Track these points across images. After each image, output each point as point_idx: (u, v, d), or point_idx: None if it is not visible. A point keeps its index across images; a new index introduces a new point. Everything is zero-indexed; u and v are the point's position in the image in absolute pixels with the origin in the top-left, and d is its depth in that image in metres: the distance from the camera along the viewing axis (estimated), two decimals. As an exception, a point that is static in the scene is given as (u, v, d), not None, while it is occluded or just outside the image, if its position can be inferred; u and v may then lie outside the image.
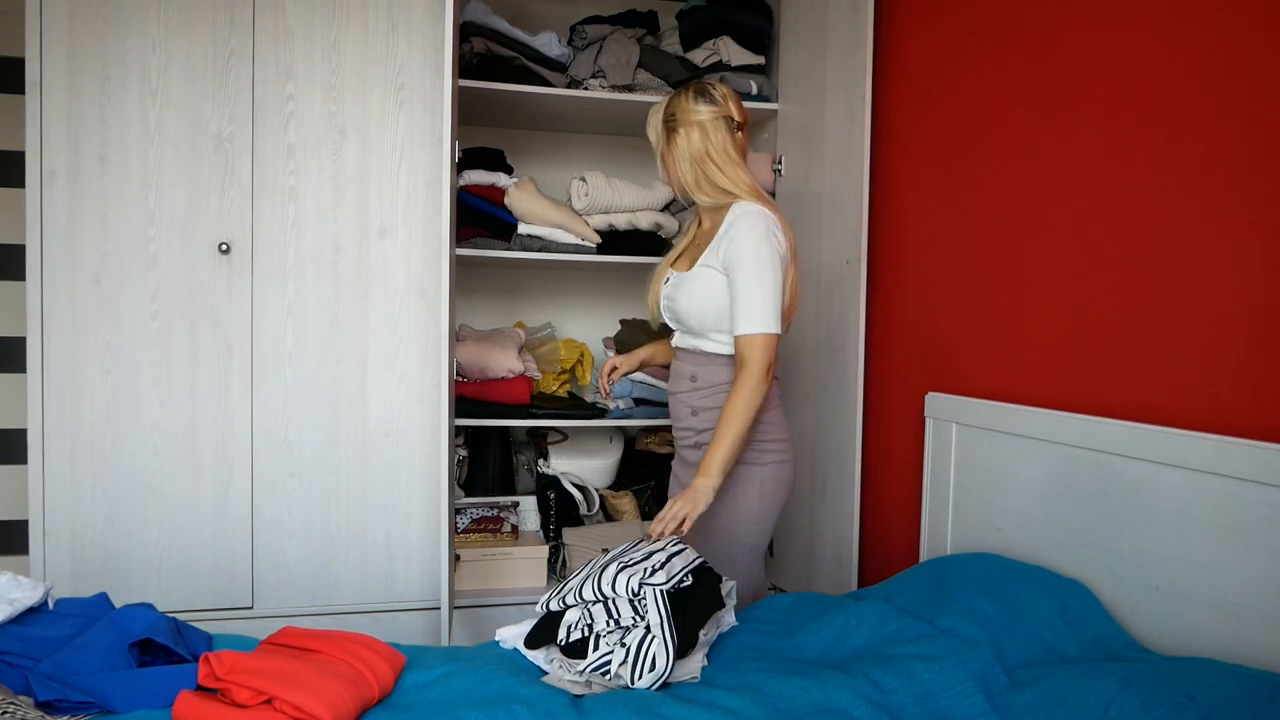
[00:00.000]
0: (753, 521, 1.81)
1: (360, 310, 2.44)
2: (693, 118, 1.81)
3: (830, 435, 2.39)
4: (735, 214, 1.77)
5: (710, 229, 1.86)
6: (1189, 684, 1.16)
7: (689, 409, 1.87)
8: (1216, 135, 1.41)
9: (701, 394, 1.85)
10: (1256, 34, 1.35)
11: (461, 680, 1.35)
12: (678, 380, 1.91)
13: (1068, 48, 1.71)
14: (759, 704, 1.29)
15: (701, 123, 1.81)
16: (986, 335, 1.92)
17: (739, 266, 1.72)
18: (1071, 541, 1.60)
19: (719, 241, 1.78)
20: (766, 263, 1.72)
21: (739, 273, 1.72)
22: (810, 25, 2.53)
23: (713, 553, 1.83)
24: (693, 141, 1.81)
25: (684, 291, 1.83)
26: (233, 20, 2.32)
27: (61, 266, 2.25)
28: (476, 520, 2.66)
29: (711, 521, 1.80)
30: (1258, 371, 1.34)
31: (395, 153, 2.45)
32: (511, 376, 2.57)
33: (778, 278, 1.73)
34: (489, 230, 2.58)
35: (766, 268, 1.72)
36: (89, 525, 2.29)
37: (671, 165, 1.86)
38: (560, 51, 2.64)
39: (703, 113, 1.81)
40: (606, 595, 1.43)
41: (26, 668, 1.27)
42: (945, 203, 2.07)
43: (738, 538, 1.82)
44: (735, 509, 1.80)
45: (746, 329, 1.71)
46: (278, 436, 2.40)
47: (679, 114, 1.83)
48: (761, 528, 1.83)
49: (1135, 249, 1.56)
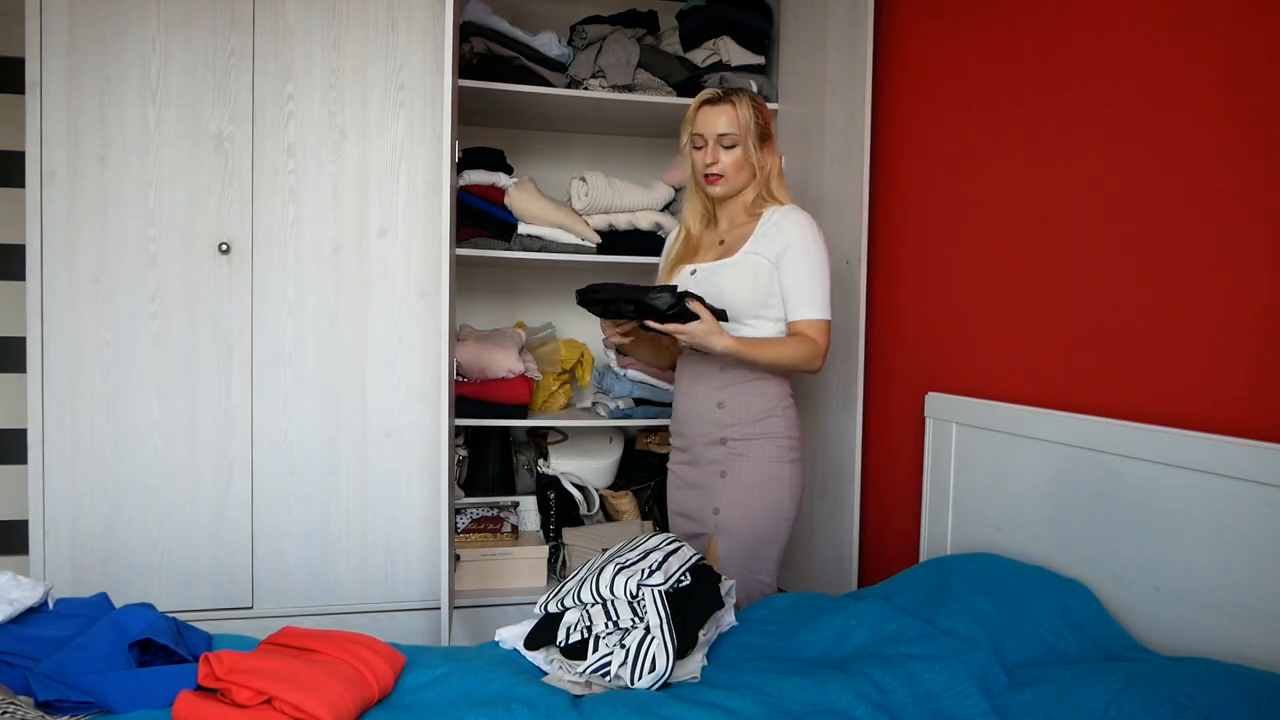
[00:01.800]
0: (784, 520, 1.87)
1: (360, 310, 2.44)
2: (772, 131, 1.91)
3: (830, 435, 2.39)
4: (783, 212, 1.85)
5: (739, 226, 1.90)
6: (1189, 684, 1.16)
7: (715, 402, 1.86)
8: (1217, 135, 1.41)
9: (732, 387, 1.85)
10: (1258, 33, 1.35)
11: (461, 680, 1.35)
12: (701, 372, 1.89)
13: (1069, 47, 1.71)
14: (759, 704, 1.29)
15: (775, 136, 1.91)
16: (986, 335, 1.92)
17: (799, 255, 1.79)
18: (1071, 541, 1.60)
19: (765, 236, 1.83)
20: (821, 255, 1.82)
21: (798, 261, 1.79)
22: (810, 25, 2.53)
23: (745, 553, 1.84)
24: (776, 155, 1.91)
25: (728, 277, 1.83)
26: (233, 19, 2.32)
27: (61, 266, 2.25)
28: (476, 520, 2.66)
29: (746, 527, 1.83)
30: (1258, 371, 1.34)
31: (395, 152, 2.45)
32: (512, 377, 2.57)
33: (828, 270, 1.83)
34: (489, 230, 2.58)
35: (820, 259, 1.82)
36: (89, 525, 2.29)
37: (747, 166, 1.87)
38: (560, 51, 2.64)
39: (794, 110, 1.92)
40: (605, 597, 1.43)
41: (26, 668, 1.27)
42: (946, 202, 2.07)
43: (773, 538, 1.86)
44: (771, 509, 1.84)
45: (810, 314, 1.79)
46: (277, 436, 2.40)
47: (770, 125, 1.90)
48: (790, 525, 1.89)
49: (1136, 249, 1.56)
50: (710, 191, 1.89)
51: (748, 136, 1.84)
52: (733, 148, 1.85)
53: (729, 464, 1.86)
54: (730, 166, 1.85)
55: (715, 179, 1.86)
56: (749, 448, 1.85)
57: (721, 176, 1.86)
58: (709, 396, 1.87)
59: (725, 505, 1.86)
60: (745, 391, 1.85)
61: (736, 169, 1.86)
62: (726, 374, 1.85)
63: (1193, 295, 1.45)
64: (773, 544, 1.86)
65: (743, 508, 1.83)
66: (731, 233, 1.91)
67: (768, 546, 1.86)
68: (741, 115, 1.84)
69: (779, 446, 1.85)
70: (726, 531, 1.85)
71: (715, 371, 1.86)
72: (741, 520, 1.84)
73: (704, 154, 1.86)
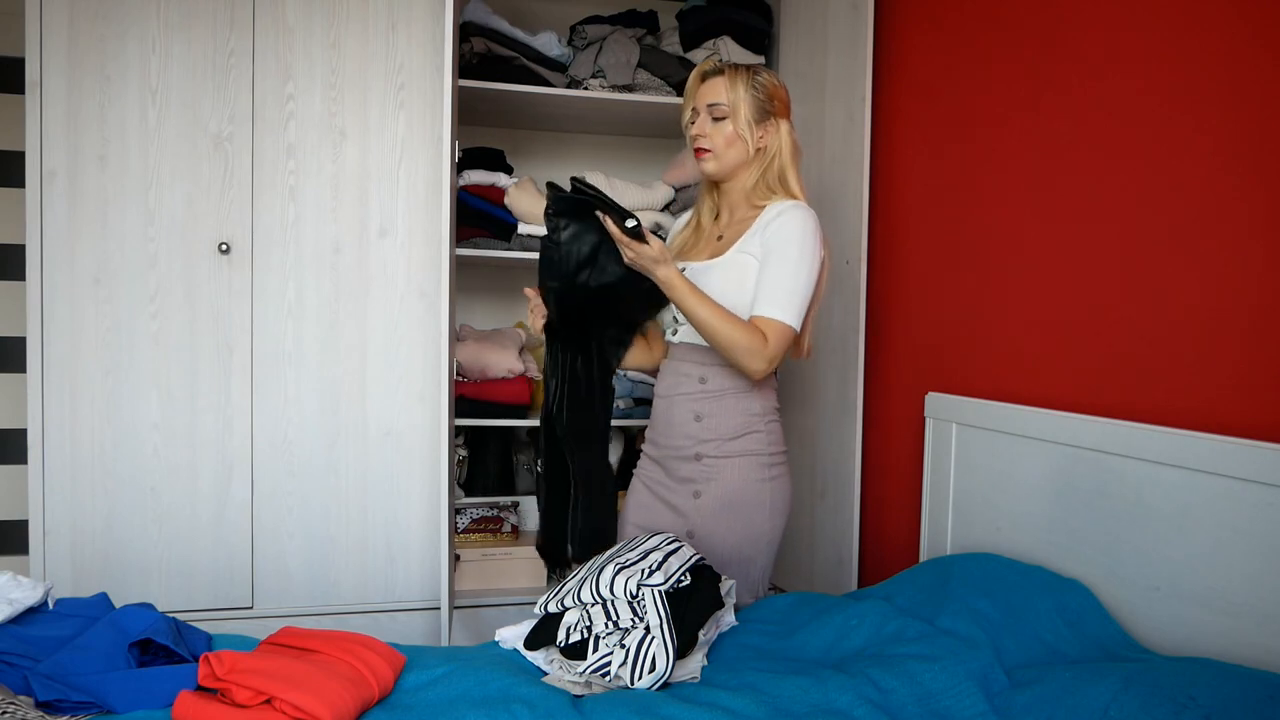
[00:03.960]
0: (766, 542, 1.75)
1: (360, 310, 2.44)
2: (787, 112, 1.75)
3: (830, 435, 2.39)
4: (784, 206, 1.69)
5: (738, 221, 1.77)
6: (1189, 684, 1.16)
7: (692, 414, 1.74)
8: (1217, 135, 1.41)
9: (711, 399, 1.73)
10: (1258, 33, 1.35)
11: (461, 680, 1.35)
12: (680, 381, 1.77)
13: (1069, 47, 1.71)
14: (759, 704, 1.29)
15: (791, 120, 1.75)
16: (986, 335, 1.92)
17: (780, 251, 1.64)
18: (1071, 541, 1.60)
19: (759, 230, 1.69)
20: (808, 258, 1.65)
21: (777, 257, 1.64)
22: (810, 25, 2.53)
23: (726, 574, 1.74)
24: (785, 136, 1.75)
25: (714, 279, 1.70)
26: (233, 19, 2.32)
27: (61, 266, 2.25)
28: (476, 520, 2.66)
29: (722, 551, 1.73)
30: (1257, 371, 1.34)
31: (395, 153, 2.45)
32: (511, 376, 2.57)
33: (812, 278, 1.67)
34: (489, 230, 2.58)
35: (806, 262, 1.65)
36: (89, 525, 2.29)
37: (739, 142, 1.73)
38: (560, 51, 2.64)
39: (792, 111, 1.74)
40: (604, 597, 1.43)
41: (26, 668, 1.27)
42: (945, 203, 2.07)
43: (753, 560, 1.76)
44: (751, 533, 1.73)
45: (772, 313, 1.63)
46: (277, 436, 2.40)
47: (777, 101, 1.74)
48: (773, 546, 1.77)
49: (1135, 248, 1.56)
50: (702, 169, 1.76)
51: (740, 109, 1.71)
52: (722, 120, 1.72)
53: (704, 483, 1.73)
54: (720, 141, 1.72)
55: (704, 153, 1.74)
56: (725, 466, 1.72)
57: (710, 151, 1.73)
58: (686, 407, 1.74)
59: (700, 530, 1.73)
60: (725, 405, 1.72)
61: (727, 144, 1.72)
62: (707, 383, 1.73)
63: (1193, 295, 1.45)
64: (753, 566, 1.75)
65: (720, 534, 1.72)
66: (731, 228, 1.77)
67: (748, 569, 1.75)
68: (734, 87, 1.71)
69: (759, 463, 1.73)
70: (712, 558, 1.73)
71: (695, 381, 1.74)
72: (717, 545, 1.72)
73: (695, 127, 1.75)
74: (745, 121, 1.72)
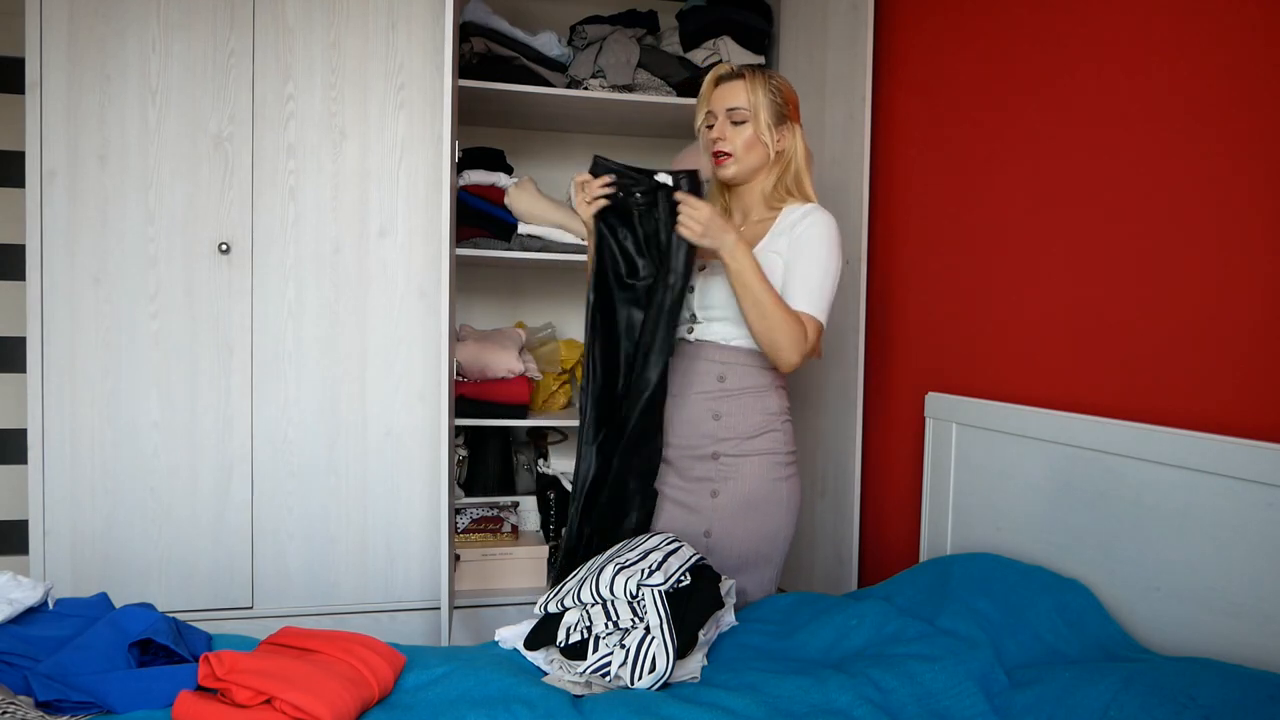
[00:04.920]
0: (783, 539, 1.77)
1: (360, 310, 2.44)
2: (799, 115, 1.77)
3: (830, 435, 2.39)
4: (809, 208, 1.73)
5: (755, 223, 1.78)
6: (1189, 684, 1.16)
7: (710, 413, 1.73)
8: (1218, 134, 1.41)
9: (731, 398, 1.72)
10: (1259, 33, 1.35)
11: (461, 680, 1.35)
12: (696, 379, 1.75)
13: (1069, 46, 1.71)
14: (759, 704, 1.29)
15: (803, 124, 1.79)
16: (986, 335, 1.92)
17: (811, 251, 1.67)
18: (1071, 541, 1.60)
19: (785, 230, 1.71)
20: (835, 260, 1.69)
21: (809, 256, 1.67)
22: (810, 25, 2.53)
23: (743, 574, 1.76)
24: (800, 140, 1.77)
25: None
26: (233, 19, 2.32)
27: (61, 266, 2.25)
28: (476, 520, 2.66)
29: (741, 550, 1.74)
30: (1257, 371, 1.34)
31: (395, 152, 2.45)
32: (512, 377, 2.57)
33: (836, 280, 1.71)
34: (489, 230, 2.58)
35: (834, 263, 1.69)
36: (89, 525, 2.29)
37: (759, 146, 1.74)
38: (560, 51, 2.64)
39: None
40: (604, 597, 1.43)
41: (26, 668, 1.27)
42: (946, 202, 2.07)
43: (769, 559, 1.77)
44: (769, 531, 1.74)
45: (808, 308, 1.66)
46: (277, 436, 2.40)
47: (791, 105, 1.76)
48: (788, 544, 1.79)
49: (1136, 248, 1.56)
50: (720, 174, 1.76)
51: (760, 112, 1.71)
52: (742, 124, 1.72)
53: (721, 483, 1.73)
54: (740, 145, 1.72)
55: (724, 157, 1.74)
56: (743, 465, 1.72)
57: (730, 155, 1.73)
58: (704, 405, 1.74)
59: (718, 529, 1.73)
60: (745, 404, 1.72)
61: (747, 148, 1.73)
62: (726, 382, 1.72)
63: (1192, 295, 1.45)
64: (769, 565, 1.76)
65: (738, 534, 1.72)
66: (748, 229, 1.76)
67: (763, 569, 1.76)
68: (754, 91, 1.71)
69: (776, 463, 1.73)
70: (719, 556, 1.73)
71: (713, 380, 1.73)
72: (736, 544, 1.73)
73: (714, 131, 1.75)
74: (765, 125, 1.72)
